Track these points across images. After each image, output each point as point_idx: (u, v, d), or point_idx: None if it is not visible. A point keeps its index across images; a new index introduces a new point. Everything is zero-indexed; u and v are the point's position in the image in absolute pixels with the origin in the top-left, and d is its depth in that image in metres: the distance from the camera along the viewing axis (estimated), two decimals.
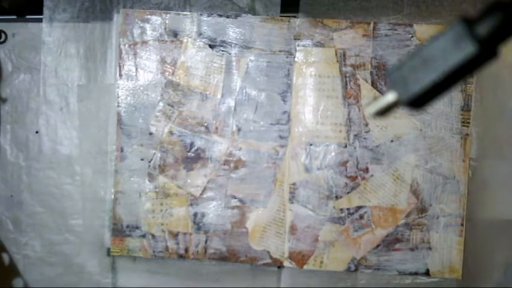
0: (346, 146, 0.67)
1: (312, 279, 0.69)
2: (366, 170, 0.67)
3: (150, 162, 0.69)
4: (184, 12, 0.68)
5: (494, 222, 0.67)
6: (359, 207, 0.67)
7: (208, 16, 0.68)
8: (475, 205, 0.67)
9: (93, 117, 0.69)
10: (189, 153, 0.68)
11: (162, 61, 0.68)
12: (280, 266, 0.69)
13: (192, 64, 0.68)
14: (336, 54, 0.67)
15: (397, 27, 0.67)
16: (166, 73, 0.68)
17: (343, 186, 0.67)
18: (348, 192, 0.67)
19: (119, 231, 0.69)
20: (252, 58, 0.68)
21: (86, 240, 0.70)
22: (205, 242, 0.68)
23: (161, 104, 0.68)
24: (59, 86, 0.69)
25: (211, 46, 0.68)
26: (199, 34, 0.68)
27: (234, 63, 0.68)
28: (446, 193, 0.67)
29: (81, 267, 0.70)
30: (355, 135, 0.67)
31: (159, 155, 0.68)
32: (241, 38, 0.67)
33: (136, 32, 0.68)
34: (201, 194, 0.68)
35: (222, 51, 0.68)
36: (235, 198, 0.68)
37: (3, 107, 0.70)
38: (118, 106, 0.69)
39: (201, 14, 0.68)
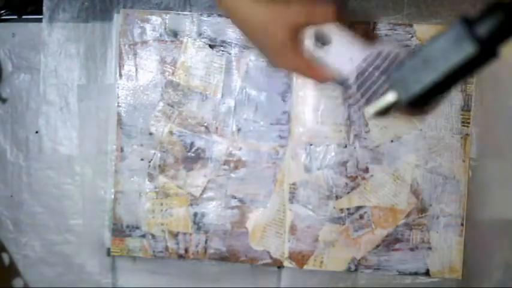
0: (346, 146, 0.67)
1: (312, 279, 0.69)
2: (366, 170, 0.67)
3: (150, 162, 0.69)
4: (184, 12, 0.68)
5: (494, 222, 0.67)
6: (359, 207, 0.67)
7: (208, 16, 0.68)
8: (475, 205, 0.67)
9: (93, 117, 0.69)
10: (189, 153, 0.68)
11: (162, 61, 0.68)
12: (280, 266, 0.69)
13: (192, 64, 0.68)
14: None
15: (397, 27, 0.67)
16: (166, 73, 0.68)
17: (343, 186, 0.67)
18: (348, 192, 0.67)
19: (119, 231, 0.69)
20: (252, 58, 0.68)
21: (86, 240, 0.70)
22: (205, 242, 0.68)
23: (161, 104, 0.68)
24: (59, 86, 0.69)
25: (211, 46, 0.68)
26: (199, 34, 0.68)
27: (234, 63, 0.68)
28: (446, 193, 0.67)
29: (81, 267, 0.70)
30: (355, 135, 0.67)
31: (159, 155, 0.68)
32: (241, 38, 0.67)
33: (136, 32, 0.68)
34: (201, 194, 0.68)
35: (222, 51, 0.68)
36: (235, 198, 0.68)
37: (3, 107, 0.70)
38: (118, 106, 0.69)
39: (201, 14, 0.68)
